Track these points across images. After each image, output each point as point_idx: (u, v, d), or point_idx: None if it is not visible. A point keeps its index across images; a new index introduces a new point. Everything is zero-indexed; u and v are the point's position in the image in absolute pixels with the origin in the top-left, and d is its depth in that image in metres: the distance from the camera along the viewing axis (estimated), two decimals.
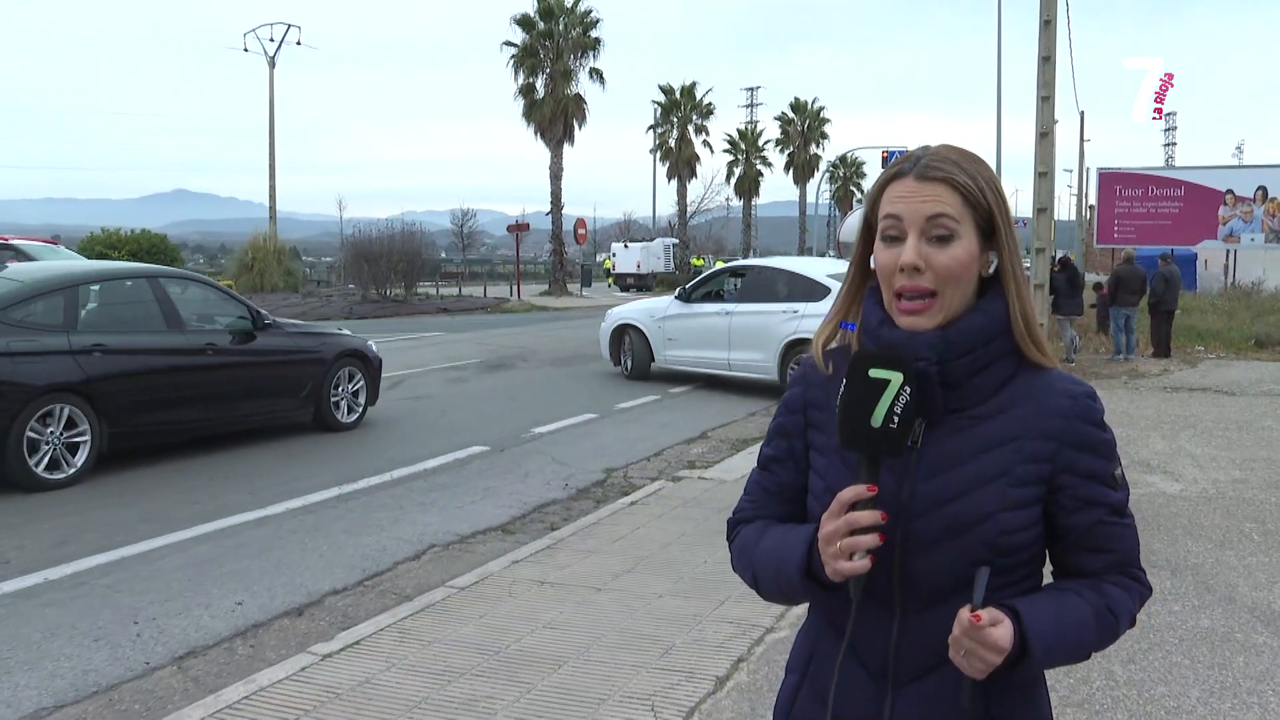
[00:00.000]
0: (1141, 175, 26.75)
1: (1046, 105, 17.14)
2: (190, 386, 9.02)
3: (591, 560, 6.11)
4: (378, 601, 5.61)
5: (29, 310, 8.08)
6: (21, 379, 7.75)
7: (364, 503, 7.71)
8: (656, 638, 4.84)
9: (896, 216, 1.52)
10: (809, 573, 1.53)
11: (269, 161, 40.19)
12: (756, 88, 79.95)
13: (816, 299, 13.12)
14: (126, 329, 8.67)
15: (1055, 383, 1.55)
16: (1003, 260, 1.55)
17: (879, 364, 1.45)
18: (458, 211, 78.20)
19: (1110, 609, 1.55)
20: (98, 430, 8.17)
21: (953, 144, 1.59)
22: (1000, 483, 1.50)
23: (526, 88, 45.80)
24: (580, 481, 8.59)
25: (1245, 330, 20.78)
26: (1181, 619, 5.17)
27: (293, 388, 10.09)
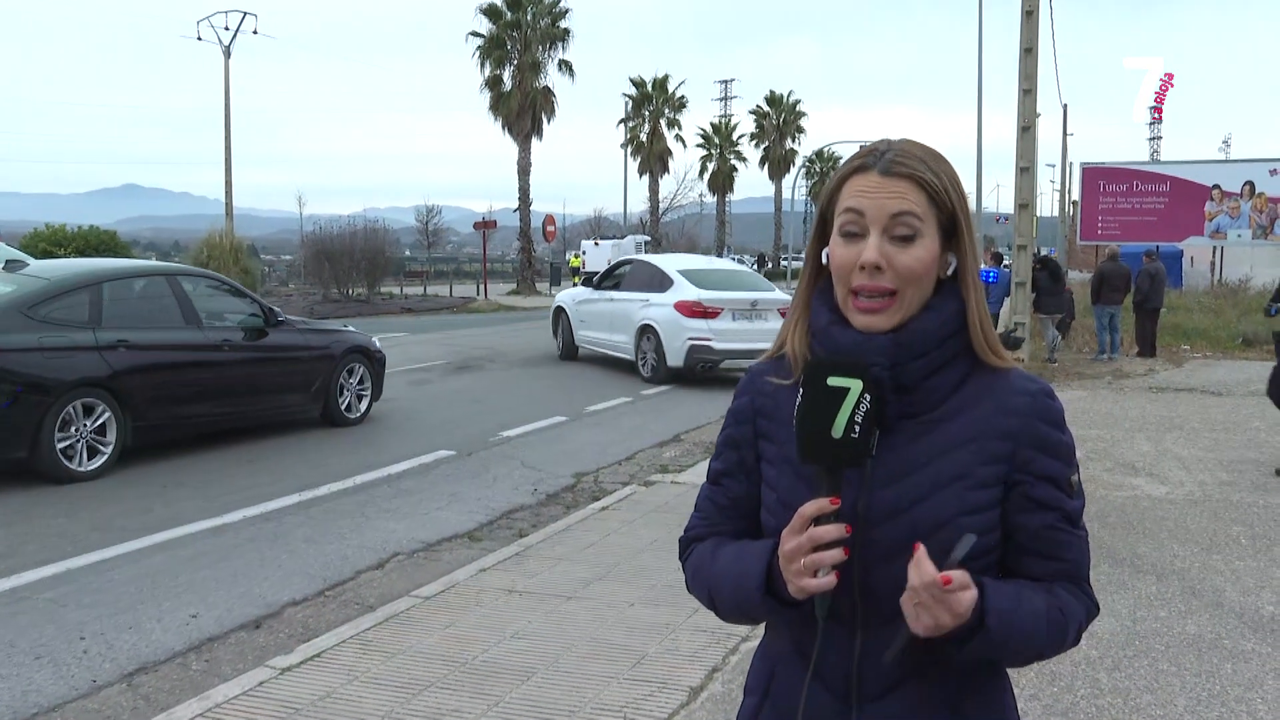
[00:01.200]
0: (1126, 170, 26.98)
1: (1028, 98, 17.27)
2: (207, 382, 9.57)
3: (561, 568, 6.10)
4: (339, 612, 5.57)
5: (57, 307, 8.55)
6: (52, 374, 8.21)
7: (326, 510, 7.66)
8: (628, 647, 4.84)
9: (858, 211, 1.50)
10: (769, 591, 1.52)
11: (225, 156, 39.86)
12: (730, 80, 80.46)
13: (663, 290, 15.16)
14: (147, 325, 9.16)
15: (1012, 381, 1.54)
16: (963, 263, 1.55)
17: (837, 371, 1.44)
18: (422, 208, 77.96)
19: (1063, 611, 1.53)
20: (122, 424, 8.64)
21: (915, 140, 1.58)
22: (958, 486, 1.49)
23: (493, 80, 45.75)
24: (549, 486, 8.58)
25: (1232, 329, 21.02)
26: (1168, 625, 5.21)
27: (303, 383, 10.62)
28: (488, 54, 45.60)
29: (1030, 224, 18.08)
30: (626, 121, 60.73)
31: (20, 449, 8.03)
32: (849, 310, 1.52)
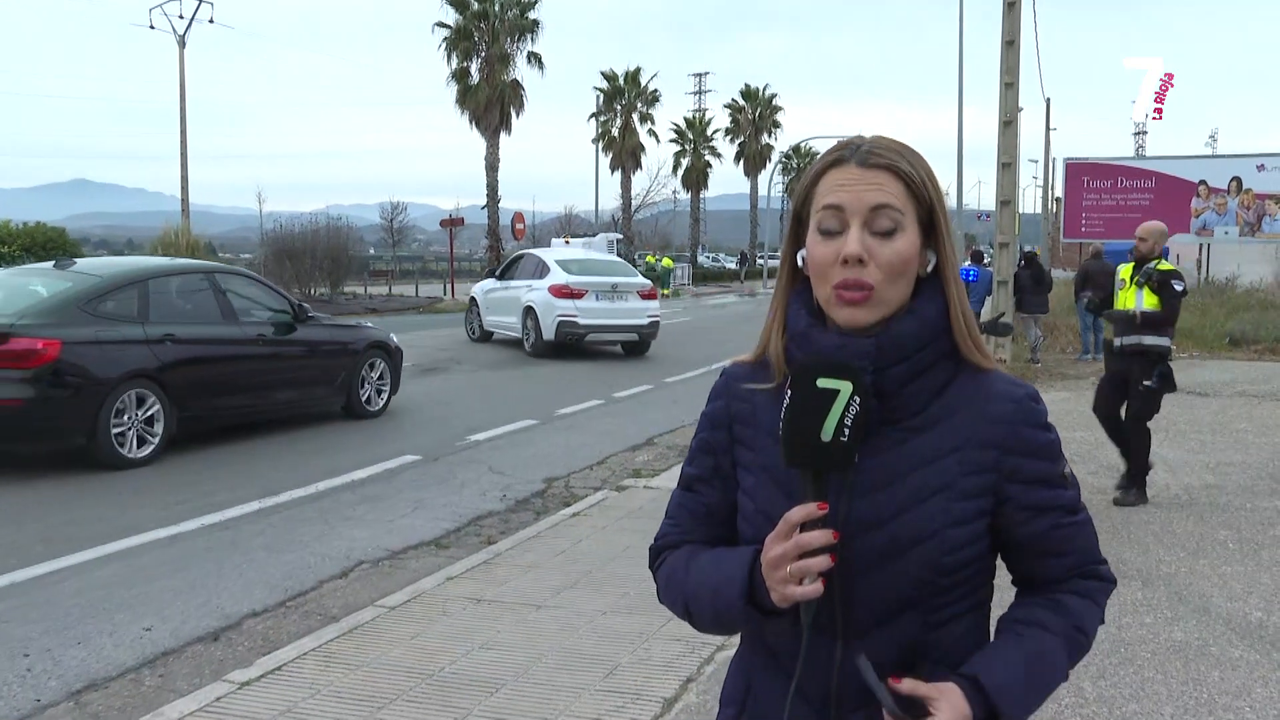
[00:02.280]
0: (1110, 166, 27.20)
1: (1010, 92, 17.38)
2: (244, 374, 10.44)
3: (531, 576, 6.09)
4: (301, 623, 5.54)
5: (110, 303, 9.39)
6: (109, 366, 9.00)
7: (286, 517, 7.61)
8: (600, 657, 4.83)
9: (837, 206, 1.50)
10: (751, 599, 1.51)
11: (181, 151, 39.56)
12: (705, 74, 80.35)
13: (542, 277, 18.79)
14: (191, 320, 10.00)
15: (995, 386, 1.55)
16: (942, 258, 1.56)
17: (827, 372, 1.43)
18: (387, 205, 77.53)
19: (1079, 627, 1.57)
20: (169, 413, 9.44)
21: (887, 135, 1.59)
22: (942, 497, 1.49)
23: (460, 72, 45.67)
24: (519, 492, 8.56)
25: (1219, 328, 21.20)
26: (1154, 632, 5.25)
27: (329, 377, 11.50)
28: (454, 45, 45.51)
29: (1012, 221, 18.20)
30: (598, 116, 60.77)
31: (80, 436, 8.81)
32: (831, 307, 1.52)
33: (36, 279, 9.91)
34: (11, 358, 8.48)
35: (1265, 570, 6.30)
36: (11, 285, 9.81)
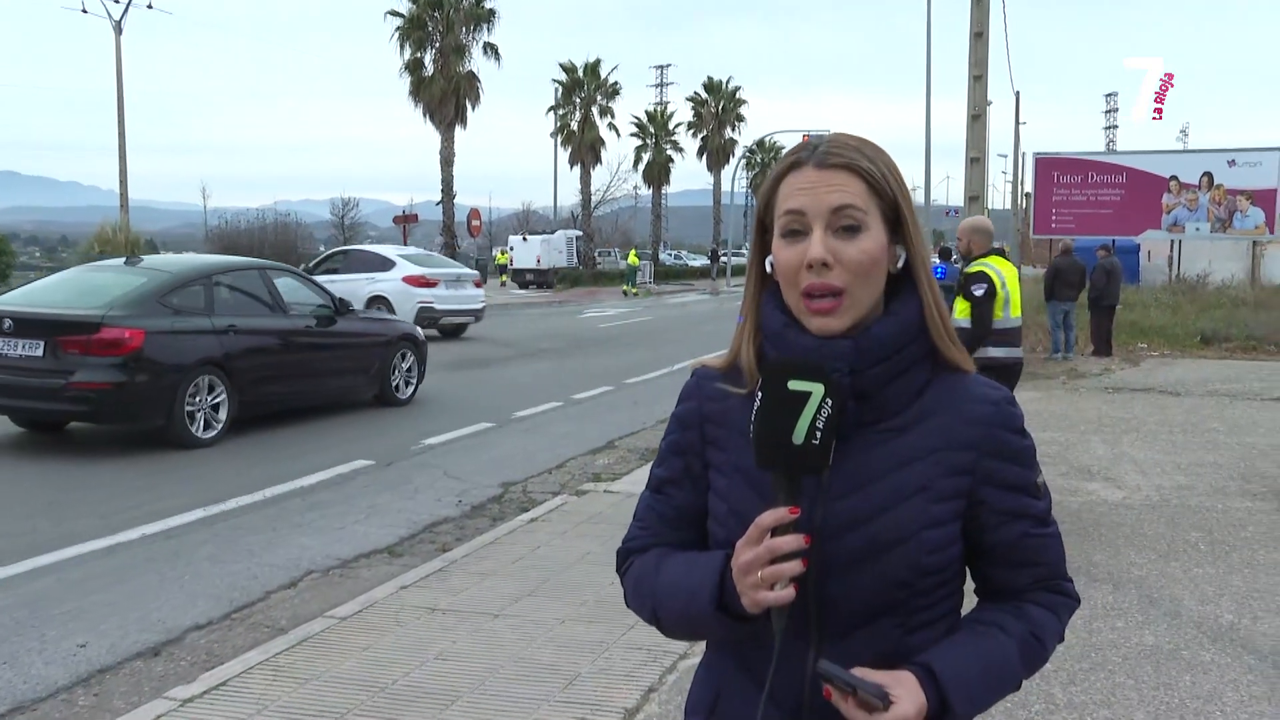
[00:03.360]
0: (1081, 160, 27.54)
1: (979, 85, 17.56)
2: (295, 363, 11.65)
3: (487, 584, 6.07)
4: (248, 636, 5.49)
5: (181, 296, 10.54)
6: (183, 354, 10.16)
7: (232, 525, 7.55)
8: (559, 667, 4.83)
9: (798, 211, 1.51)
10: (721, 605, 1.52)
11: (119, 143, 39.09)
12: (666, 66, 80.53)
13: (387, 269, 21.63)
14: (249, 313, 11.14)
15: (972, 388, 1.57)
16: (911, 254, 1.57)
17: (799, 374, 1.44)
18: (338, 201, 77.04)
19: (1036, 635, 1.59)
20: (233, 398, 10.54)
21: (848, 132, 1.60)
22: (920, 499, 1.51)
23: (414, 63, 45.46)
24: (475, 497, 8.53)
25: (1190, 326, 21.46)
26: (1125, 636, 5.31)
27: (365, 366, 12.63)
28: (407, 35, 45.30)
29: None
30: (556, 109, 60.70)
31: (160, 417, 9.96)
32: (803, 315, 1.53)
33: (111, 274, 11.09)
34: (103, 345, 9.68)
35: (1236, 572, 6.39)
36: (89, 280, 11.05)
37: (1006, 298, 7.44)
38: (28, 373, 9.75)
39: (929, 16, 29.70)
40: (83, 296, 10.37)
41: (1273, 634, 5.35)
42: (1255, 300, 25.01)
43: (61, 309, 10.11)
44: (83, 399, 9.70)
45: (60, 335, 9.78)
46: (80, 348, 9.71)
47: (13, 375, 9.77)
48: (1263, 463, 9.59)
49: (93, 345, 9.68)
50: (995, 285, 7.35)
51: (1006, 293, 7.43)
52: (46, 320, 9.94)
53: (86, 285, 10.80)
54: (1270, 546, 6.94)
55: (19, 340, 9.81)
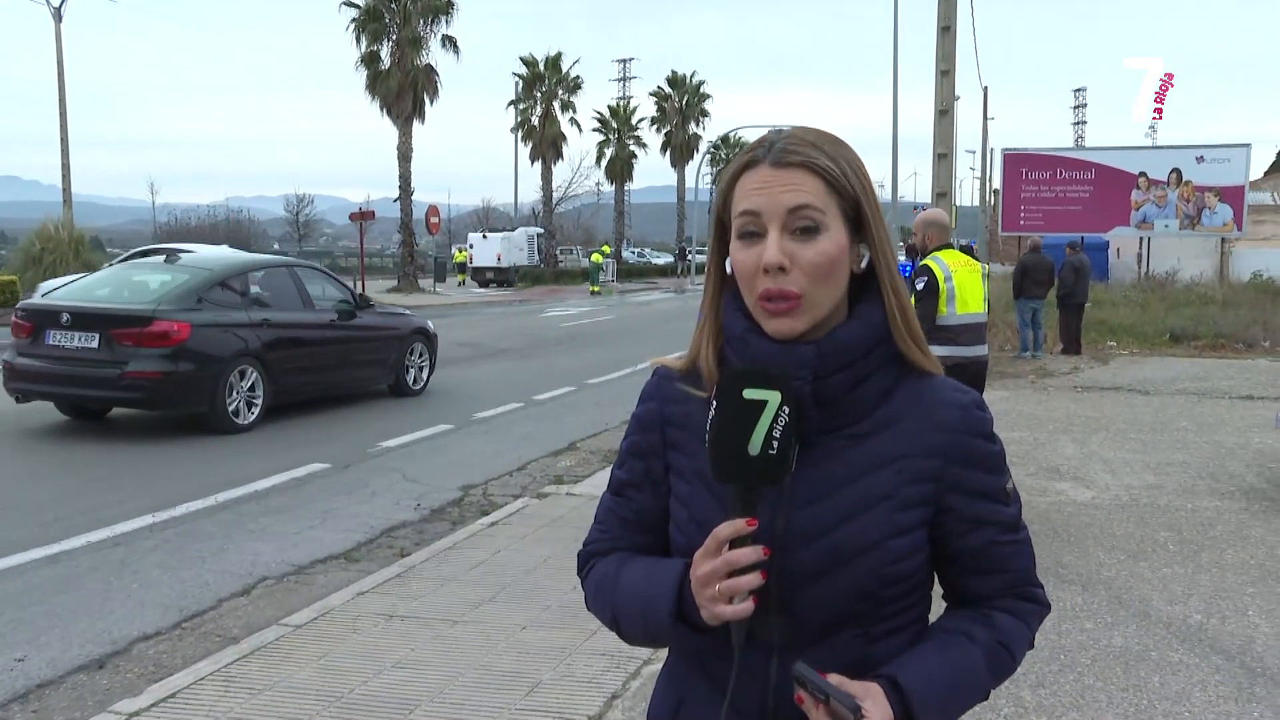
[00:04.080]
0: (1049, 156, 27.78)
1: (946, 80, 17.67)
2: (321, 354, 12.63)
3: (447, 589, 6.05)
4: (198, 646, 5.44)
5: (219, 292, 11.55)
6: (223, 346, 11.16)
7: (182, 531, 7.48)
8: (520, 674, 4.82)
9: (754, 212, 1.49)
10: (680, 616, 1.51)
11: (61, 135, 38.56)
12: (629, 59, 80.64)
13: None
14: (280, 307, 12.15)
15: (940, 392, 1.56)
16: (875, 254, 1.55)
17: (754, 382, 1.42)
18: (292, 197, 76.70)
19: (1004, 644, 1.59)
20: (267, 387, 11.54)
21: (811, 126, 1.57)
22: (885, 507, 1.50)
23: (370, 56, 45.15)
24: (434, 501, 8.51)
25: (1159, 324, 21.70)
26: (1094, 638, 5.37)
27: (383, 358, 13.61)
28: (363, 27, 44.98)
29: (949, 214, 18.48)
30: (517, 104, 60.51)
31: (203, 404, 10.95)
32: (760, 317, 1.51)
33: (154, 271, 12.13)
34: (154, 337, 10.67)
35: (1205, 572, 6.47)
36: (134, 277, 12.15)
37: (951, 293, 7.29)
38: (85, 363, 10.74)
39: (895, 10, 29.90)
40: (132, 292, 11.51)
41: (1240, 634, 5.43)
42: (1224, 298, 25.31)
43: (114, 304, 11.16)
44: (136, 387, 10.67)
45: (115, 328, 10.75)
46: (133, 340, 10.68)
47: (71, 365, 10.76)
48: (1231, 461, 9.72)
49: (144, 338, 10.68)
50: (937, 280, 7.26)
51: (951, 288, 7.28)
52: (102, 314, 10.93)
53: (133, 281, 11.95)
54: (1238, 546, 7.03)
55: (76, 333, 10.81)
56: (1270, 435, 10.65)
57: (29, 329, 11.08)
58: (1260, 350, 19.57)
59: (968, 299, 7.36)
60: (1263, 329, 20.64)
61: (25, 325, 11.13)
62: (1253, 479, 9.02)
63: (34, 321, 11.10)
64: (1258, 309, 22.58)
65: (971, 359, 7.34)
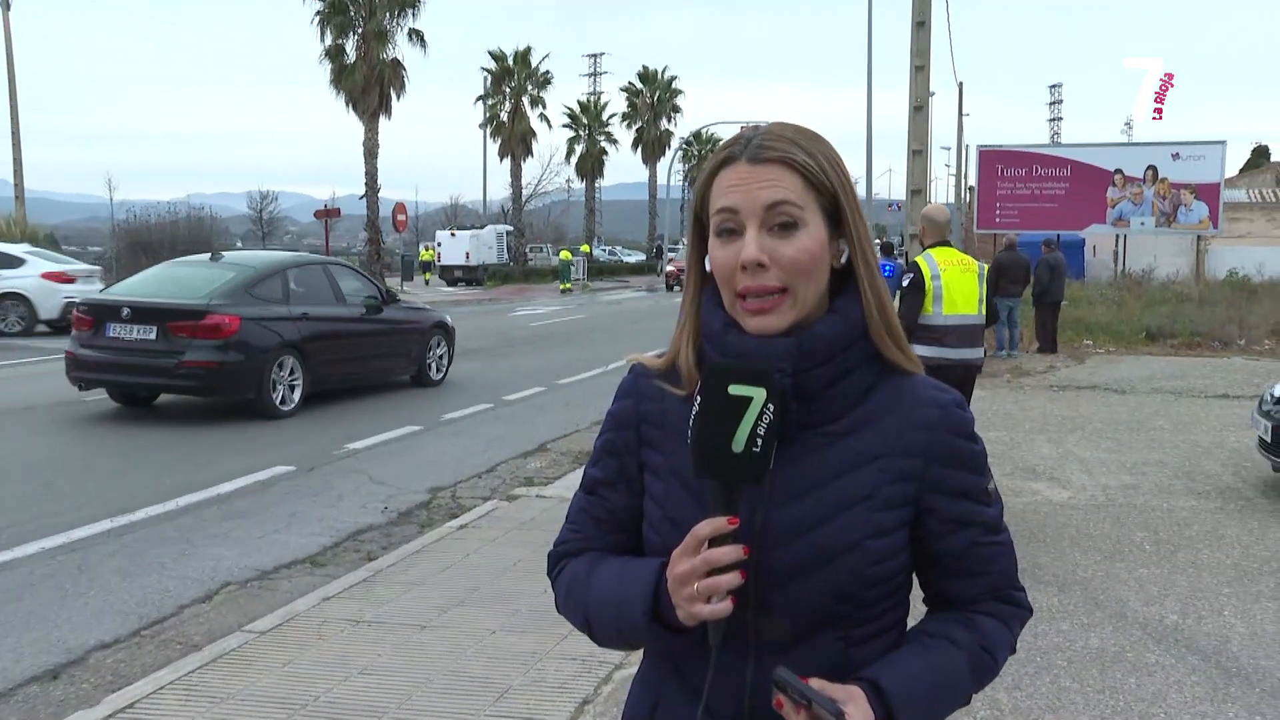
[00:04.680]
0: (1025, 153, 27.91)
1: (921, 76, 17.74)
2: (353, 346, 13.71)
3: (415, 594, 6.04)
4: (159, 654, 5.40)
5: (264, 288, 12.60)
6: (268, 337, 12.18)
7: (142, 536, 7.42)
8: (490, 680, 4.81)
9: (732, 209, 1.50)
10: (656, 616, 1.51)
11: (12, 128, 38.11)
12: (600, 54, 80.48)
13: (16, 267, 22.33)
14: (317, 302, 13.23)
15: (920, 391, 1.56)
16: (853, 250, 1.55)
17: (739, 378, 1.42)
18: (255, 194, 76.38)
19: (986, 648, 1.59)
20: (306, 376, 12.62)
21: (788, 121, 1.58)
22: (865, 506, 1.51)
23: (334, 50, 44.94)
24: (402, 503, 8.48)
25: (1136, 322, 21.87)
26: (1070, 639, 5.41)
27: (406, 350, 14.66)
28: (328, 20, 44.76)
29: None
30: (485, 99, 60.38)
31: (251, 391, 12.02)
32: (739, 315, 1.52)
33: (201, 269, 13.18)
34: (207, 330, 11.74)
35: (1181, 572, 6.54)
36: (182, 274, 13.10)
37: (938, 293, 7.16)
38: (144, 353, 11.84)
39: (870, 6, 30.03)
40: (183, 288, 12.42)
41: (1216, 634, 5.48)
42: (1200, 296, 25.55)
43: (170, 299, 12.13)
44: (192, 376, 11.78)
45: (171, 321, 11.81)
46: (188, 332, 11.75)
47: (131, 355, 11.88)
48: (1207, 461, 9.81)
49: (199, 330, 11.77)
50: (923, 278, 7.17)
51: (938, 287, 7.15)
52: (159, 308, 11.96)
53: (182, 278, 12.90)
54: (1214, 546, 7.10)
55: (135, 326, 11.88)
56: (1246, 434, 10.76)
57: (90, 322, 12.12)
58: (1236, 349, 19.76)
59: (956, 299, 7.20)
60: (1238, 327, 20.83)
61: (87, 319, 12.17)
62: (1229, 478, 9.11)
63: (95, 315, 12.15)
64: (1233, 307, 22.77)
65: (958, 361, 7.18)
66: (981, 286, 7.32)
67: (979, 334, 7.36)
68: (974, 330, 7.31)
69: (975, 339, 7.33)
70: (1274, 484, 8.79)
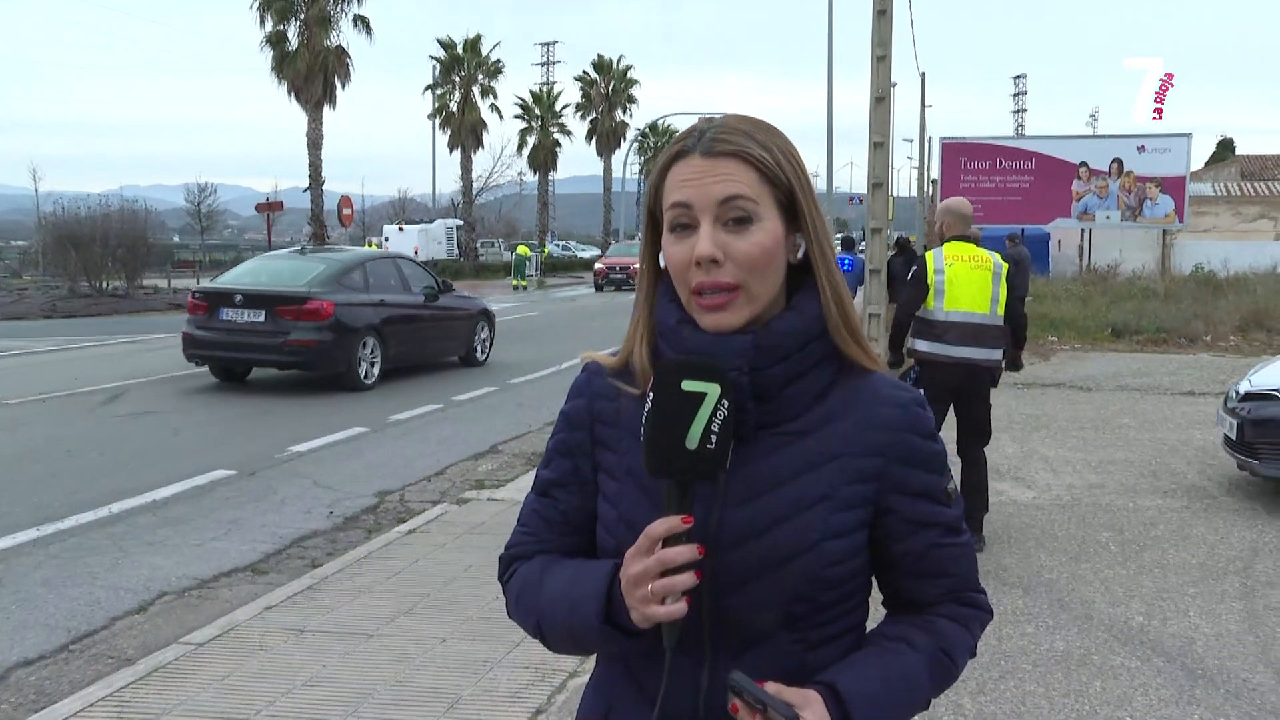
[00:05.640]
0: (989, 146, 28.20)
1: (882, 65, 17.80)
2: (418, 329, 16.11)
3: (361, 601, 6.01)
4: (88, 669, 5.33)
5: (350, 278, 15.02)
6: (356, 321, 14.56)
7: (71, 545, 7.33)
8: (440, 690, 4.80)
9: (685, 204, 1.50)
10: (609, 619, 1.51)
11: None
12: (553, 43, 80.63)
13: None
14: (390, 290, 15.66)
15: (880, 389, 1.57)
16: (810, 245, 1.56)
17: (693, 373, 1.43)
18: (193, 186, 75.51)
19: (945, 651, 1.60)
20: (383, 355, 14.98)
21: (743, 114, 1.59)
22: (822, 507, 1.51)
23: (276, 36, 44.66)
24: (348, 508, 8.44)
25: (1101, 318, 22.10)
26: (1035, 642, 5.46)
27: (457, 334, 17.14)
28: (269, 5, 44.45)
29: (885, 205, 18.61)
30: (434, 88, 60.16)
31: (343, 367, 14.37)
32: (695, 312, 1.52)
33: (293, 261, 16.01)
34: (309, 313, 14.06)
35: (1147, 573, 6.62)
36: (277, 266, 15.81)
37: (939, 288, 7.03)
38: (253, 333, 14.21)
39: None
40: (284, 278, 14.88)
41: (1181, 635, 5.56)
42: (1166, 291, 25.84)
43: (276, 287, 14.54)
44: (295, 352, 14.10)
45: (278, 306, 14.08)
46: (293, 315, 14.04)
47: (242, 335, 14.29)
48: (1173, 459, 9.94)
49: (302, 313, 14.06)
50: (925, 271, 7.08)
51: (941, 282, 7.03)
52: (267, 294, 14.32)
53: (279, 270, 15.48)
54: (1180, 545, 7.20)
55: (246, 310, 14.18)
56: (1212, 432, 10.91)
57: (205, 307, 14.50)
58: (1202, 345, 20.03)
59: (960, 296, 7.04)
60: (1204, 323, 21.10)
61: (202, 304, 14.57)
62: (1194, 477, 9.23)
63: (209, 301, 14.54)
64: (1200, 302, 23.08)
65: (957, 360, 7.03)
66: (997, 285, 7.12)
67: (990, 334, 7.12)
68: (981, 329, 7.08)
69: (983, 339, 7.09)
70: (1239, 482, 8.92)
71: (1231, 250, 34.56)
